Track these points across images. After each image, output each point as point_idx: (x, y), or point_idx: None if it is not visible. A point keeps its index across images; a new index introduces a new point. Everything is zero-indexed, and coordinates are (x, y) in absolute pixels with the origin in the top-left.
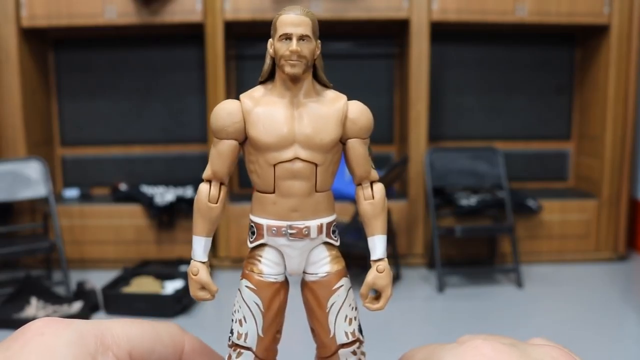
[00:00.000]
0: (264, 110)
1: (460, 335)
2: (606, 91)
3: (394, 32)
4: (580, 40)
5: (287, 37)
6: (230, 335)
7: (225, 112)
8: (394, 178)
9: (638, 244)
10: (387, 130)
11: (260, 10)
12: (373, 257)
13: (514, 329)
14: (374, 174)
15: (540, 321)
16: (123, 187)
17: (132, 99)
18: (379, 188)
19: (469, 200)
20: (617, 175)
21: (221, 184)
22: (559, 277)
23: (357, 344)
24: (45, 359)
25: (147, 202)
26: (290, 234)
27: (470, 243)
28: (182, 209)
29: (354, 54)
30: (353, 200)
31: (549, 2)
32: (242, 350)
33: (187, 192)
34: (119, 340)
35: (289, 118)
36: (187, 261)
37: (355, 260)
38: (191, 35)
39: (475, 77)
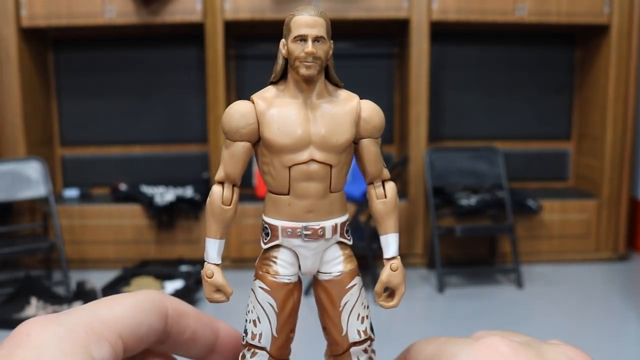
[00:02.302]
0: (278, 112)
1: (461, 335)
2: (606, 91)
3: (394, 32)
4: (580, 40)
5: (302, 38)
6: (245, 335)
7: (238, 113)
8: (394, 178)
9: (638, 244)
10: (387, 130)
11: (260, 10)
12: (386, 255)
13: (514, 329)
14: (386, 173)
15: (540, 321)
16: (123, 187)
17: (132, 99)
18: (390, 186)
19: (469, 200)
20: (617, 175)
21: (234, 185)
22: (559, 277)
23: (369, 342)
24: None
25: (147, 202)
26: (306, 235)
27: (470, 243)
28: (182, 209)
29: (354, 54)
30: (354, 200)
31: (549, 2)
32: (257, 350)
33: (187, 192)
34: (108, 324)
35: (303, 119)
36: (187, 261)
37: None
38: (191, 35)
39: (475, 77)
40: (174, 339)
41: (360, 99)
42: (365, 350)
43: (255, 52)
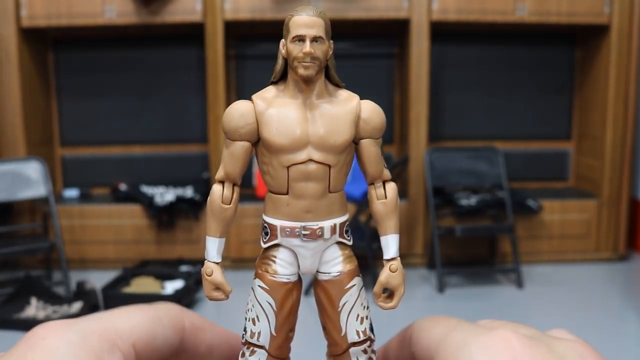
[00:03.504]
0: (277, 112)
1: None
2: (606, 91)
3: (394, 32)
4: (580, 40)
5: (301, 38)
6: (244, 333)
7: (238, 113)
8: (394, 178)
9: (638, 244)
10: (387, 130)
11: (260, 10)
12: (386, 256)
13: None
14: (387, 173)
15: (540, 321)
16: (123, 187)
17: (132, 99)
18: (391, 187)
19: (469, 200)
20: (617, 175)
21: (234, 184)
22: (559, 277)
23: (368, 342)
24: None
25: (147, 202)
26: (304, 234)
27: (470, 243)
28: (182, 209)
29: (354, 54)
30: (354, 200)
31: (549, 2)
32: (256, 349)
33: (187, 192)
34: (123, 333)
35: (302, 119)
36: (187, 261)
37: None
38: (191, 35)
39: (475, 77)
40: (190, 354)
41: (361, 99)
42: (365, 351)
43: (255, 52)
